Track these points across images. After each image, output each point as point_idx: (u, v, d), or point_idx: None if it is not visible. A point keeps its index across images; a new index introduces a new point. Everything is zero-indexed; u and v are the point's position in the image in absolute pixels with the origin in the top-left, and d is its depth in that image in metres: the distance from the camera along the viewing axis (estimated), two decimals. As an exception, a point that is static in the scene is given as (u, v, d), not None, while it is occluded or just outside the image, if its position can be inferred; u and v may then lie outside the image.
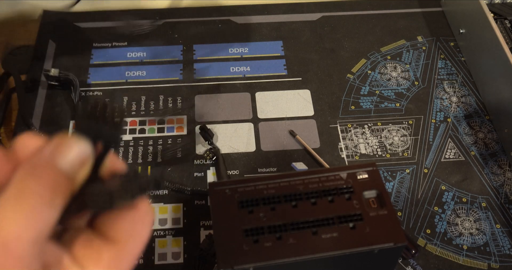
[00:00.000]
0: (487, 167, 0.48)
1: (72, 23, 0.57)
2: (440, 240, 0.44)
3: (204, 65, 0.55)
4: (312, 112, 0.51)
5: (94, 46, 0.56)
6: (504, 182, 0.47)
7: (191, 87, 0.53)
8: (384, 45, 0.58)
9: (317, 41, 0.58)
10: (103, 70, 0.54)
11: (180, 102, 0.52)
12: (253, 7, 0.61)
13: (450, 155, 0.49)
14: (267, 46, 0.57)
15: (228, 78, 0.54)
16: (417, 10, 0.61)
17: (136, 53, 0.56)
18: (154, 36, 0.57)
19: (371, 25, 0.60)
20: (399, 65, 0.56)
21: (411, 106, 0.52)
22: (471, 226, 0.45)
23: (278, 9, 0.61)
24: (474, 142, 0.50)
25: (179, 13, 0.60)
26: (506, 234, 0.44)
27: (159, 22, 0.59)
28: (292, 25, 0.59)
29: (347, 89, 0.53)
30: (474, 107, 0.52)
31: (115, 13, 0.59)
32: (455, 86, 0.54)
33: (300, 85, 0.54)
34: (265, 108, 0.52)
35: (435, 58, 0.56)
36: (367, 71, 0.55)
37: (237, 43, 0.57)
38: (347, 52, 0.57)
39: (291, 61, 0.56)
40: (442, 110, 0.52)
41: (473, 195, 0.46)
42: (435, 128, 0.51)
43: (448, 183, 0.47)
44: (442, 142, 0.50)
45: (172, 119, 0.51)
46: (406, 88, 0.54)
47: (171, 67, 0.54)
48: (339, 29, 0.59)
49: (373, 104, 0.52)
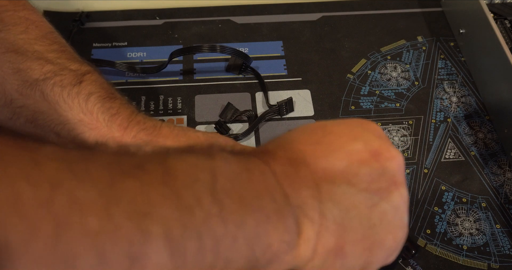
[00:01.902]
0: (487, 167, 0.48)
1: (72, 23, 0.57)
2: (440, 240, 0.44)
3: (204, 65, 0.55)
4: (312, 112, 0.51)
5: (94, 46, 0.56)
6: (504, 182, 0.47)
7: (191, 87, 0.53)
8: (384, 45, 0.58)
9: (317, 41, 0.58)
10: (103, 70, 0.54)
11: (180, 102, 0.52)
12: (253, 7, 0.61)
13: (450, 155, 0.49)
14: (267, 46, 0.57)
15: (228, 78, 0.54)
16: (417, 10, 0.61)
17: (136, 53, 0.56)
18: (154, 36, 0.57)
19: (371, 25, 0.60)
20: (399, 65, 0.56)
21: (411, 106, 0.52)
22: (471, 226, 0.45)
23: (278, 9, 0.61)
24: (474, 142, 0.50)
25: (179, 13, 0.60)
26: (506, 234, 0.44)
27: (159, 22, 0.59)
28: (292, 25, 0.59)
29: (347, 89, 0.53)
30: (474, 107, 0.52)
31: (115, 13, 0.59)
32: (455, 86, 0.54)
33: (300, 85, 0.54)
34: (265, 108, 0.52)
35: (435, 58, 0.56)
36: (367, 71, 0.55)
37: (237, 43, 0.57)
38: (347, 52, 0.57)
39: (291, 61, 0.56)
40: (442, 110, 0.52)
41: (473, 195, 0.46)
42: (435, 128, 0.51)
43: (448, 183, 0.47)
44: (442, 142, 0.50)
45: (172, 119, 0.50)
46: (406, 88, 0.54)
47: (171, 67, 0.54)
48: (339, 29, 0.59)
49: (373, 104, 0.52)
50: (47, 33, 0.39)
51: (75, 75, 0.36)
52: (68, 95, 0.36)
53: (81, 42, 0.56)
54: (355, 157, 0.24)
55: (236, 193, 0.20)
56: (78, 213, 0.16)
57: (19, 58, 0.36)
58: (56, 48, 0.38)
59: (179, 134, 0.38)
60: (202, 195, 0.19)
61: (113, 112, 0.36)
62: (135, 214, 0.17)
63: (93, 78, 0.37)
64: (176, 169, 0.19)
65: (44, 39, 0.38)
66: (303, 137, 0.25)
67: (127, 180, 0.17)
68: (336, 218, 0.22)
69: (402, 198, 0.24)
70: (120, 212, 0.16)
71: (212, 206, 0.19)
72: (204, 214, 0.18)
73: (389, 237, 0.24)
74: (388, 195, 0.24)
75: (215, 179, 0.20)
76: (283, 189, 0.22)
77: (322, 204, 0.22)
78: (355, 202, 0.23)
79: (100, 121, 0.36)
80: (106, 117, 0.36)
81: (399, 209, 0.24)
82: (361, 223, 0.23)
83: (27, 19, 0.38)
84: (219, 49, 0.49)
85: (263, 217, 0.20)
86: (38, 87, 0.35)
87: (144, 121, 0.38)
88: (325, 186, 0.22)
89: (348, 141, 0.24)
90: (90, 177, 0.17)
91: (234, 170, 0.21)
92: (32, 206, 0.15)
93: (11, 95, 0.36)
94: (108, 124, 0.36)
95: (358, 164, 0.23)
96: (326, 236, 0.22)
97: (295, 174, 0.22)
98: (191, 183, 0.19)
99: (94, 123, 0.36)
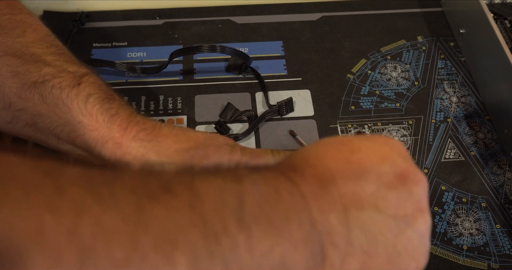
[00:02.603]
0: (487, 167, 0.48)
1: (72, 23, 0.57)
2: (440, 240, 0.44)
3: (204, 65, 0.55)
4: (312, 112, 0.51)
5: (94, 46, 0.56)
6: (504, 182, 0.47)
7: (191, 87, 0.53)
8: (384, 45, 0.58)
9: (317, 41, 0.58)
10: (103, 70, 0.54)
11: (180, 102, 0.52)
12: (253, 7, 0.61)
13: (450, 155, 0.49)
14: (267, 46, 0.57)
15: (228, 78, 0.54)
16: (417, 10, 0.61)
17: (136, 53, 0.56)
18: (154, 36, 0.57)
19: (371, 25, 0.59)
20: (399, 65, 0.56)
21: (411, 106, 0.52)
22: (471, 226, 0.45)
23: (278, 9, 0.61)
24: (474, 142, 0.50)
25: (179, 13, 0.60)
26: (506, 234, 0.44)
27: (159, 22, 0.59)
28: (292, 25, 0.59)
29: (347, 89, 0.53)
30: (474, 107, 0.52)
31: (115, 13, 0.59)
32: (455, 86, 0.54)
33: (300, 85, 0.54)
34: (265, 108, 0.52)
35: (435, 58, 0.56)
36: (367, 71, 0.55)
37: (237, 43, 0.57)
38: (347, 52, 0.57)
39: (291, 61, 0.56)
40: (442, 110, 0.52)
41: (473, 195, 0.46)
42: (435, 128, 0.51)
43: (448, 183, 0.47)
44: (442, 142, 0.50)
45: (172, 119, 0.50)
46: (406, 88, 0.54)
47: (171, 67, 0.54)
48: (339, 29, 0.59)
49: (373, 104, 0.52)
50: (44, 36, 0.39)
51: (73, 77, 0.36)
52: (67, 97, 0.36)
53: (81, 42, 0.56)
54: (384, 180, 0.23)
55: (264, 217, 0.20)
56: (103, 242, 0.15)
57: (17, 61, 0.36)
58: (53, 50, 0.38)
59: (178, 133, 0.38)
60: (229, 222, 0.18)
61: (113, 113, 0.36)
62: (162, 243, 0.16)
63: (92, 79, 0.37)
64: (203, 192, 0.19)
65: (42, 42, 0.38)
66: (332, 153, 0.24)
67: (153, 205, 0.17)
68: (362, 245, 0.22)
69: (426, 224, 0.24)
70: (146, 240, 0.16)
71: (239, 234, 0.18)
72: (231, 242, 0.18)
73: (413, 265, 0.24)
74: (414, 222, 0.23)
75: (243, 203, 0.19)
76: (311, 213, 0.21)
77: (349, 231, 0.22)
78: (382, 230, 0.22)
79: (99, 122, 0.36)
80: (106, 118, 0.36)
81: (424, 236, 0.24)
82: (386, 251, 0.22)
83: (24, 23, 0.38)
84: (219, 49, 0.49)
85: (291, 245, 0.20)
86: (36, 90, 0.35)
87: (144, 121, 0.38)
88: (353, 212, 0.22)
89: (377, 161, 0.24)
90: (115, 202, 0.17)
91: (262, 192, 0.20)
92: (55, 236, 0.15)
93: (10, 99, 0.36)
94: (108, 125, 0.36)
95: (387, 188, 0.23)
96: (351, 262, 0.22)
97: (324, 196, 0.22)
98: (218, 209, 0.19)
99: (93, 124, 0.36)
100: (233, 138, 0.48)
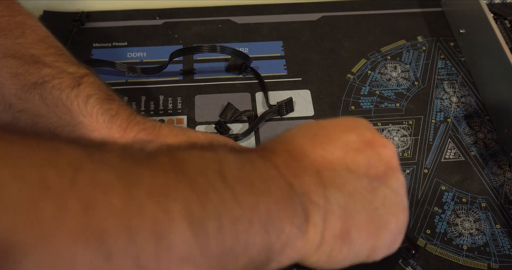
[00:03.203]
0: (487, 167, 0.48)
1: (72, 23, 0.57)
2: (440, 240, 0.44)
3: (204, 65, 0.55)
4: (312, 112, 0.51)
5: (94, 46, 0.56)
6: (504, 182, 0.47)
7: (191, 87, 0.53)
8: (384, 45, 0.58)
9: (317, 41, 0.58)
10: (103, 70, 0.54)
11: (180, 102, 0.52)
12: (253, 7, 0.61)
13: (450, 155, 0.49)
14: (267, 46, 0.57)
15: (228, 78, 0.54)
16: (417, 10, 0.61)
17: (136, 53, 0.56)
18: (154, 36, 0.57)
19: (371, 25, 0.59)
20: (399, 65, 0.56)
21: (411, 106, 0.52)
22: (471, 226, 0.45)
23: (278, 9, 0.61)
24: (474, 142, 0.50)
25: (179, 13, 0.60)
26: (506, 234, 0.44)
27: (159, 22, 0.59)
28: (292, 25, 0.59)
29: (347, 89, 0.53)
30: (474, 107, 0.52)
31: (115, 13, 0.59)
32: (455, 86, 0.54)
33: (300, 85, 0.54)
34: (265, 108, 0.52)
35: (435, 58, 0.56)
36: (367, 71, 0.55)
37: (237, 43, 0.57)
38: (347, 52, 0.57)
39: (291, 61, 0.56)
40: (442, 110, 0.52)
41: (473, 195, 0.46)
42: (435, 128, 0.51)
43: (448, 183, 0.47)
44: (442, 142, 0.50)
45: (172, 119, 0.51)
46: (406, 88, 0.54)
47: (171, 67, 0.54)
48: (339, 29, 0.59)
49: (373, 104, 0.52)
50: (43, 37, 0.39)
51: (73, 77, 0.37)
52: (67, 98, 0.36)
53: (81, 42, 0.56)
54: (351, 146, 0.25)
55: (245, 180, 0.21)
56: (101, 193, 0.16)
57: (16, 63, 0.36)
58: (53, 51, 0.38)
59: (178, 133, 0.38)
60: (214, 181, 0.19)
61: (113, 114, 0.37)
62: (155, 195, 0.17)
63: (91, 80, 0.37)
64: (184, 159, 0.20)
65: (41, 43, 0.38)
66: (300, 133, 0.26)
67: (141, 167, 0.18)
68: (340, 203, 0.23)
69: (399, 181, 0.25)
70: (141, 193, 0.17)
71: (225, 191, 0.19)
72: (219, 197, 0.19)
73: (392, 220, 0.25)
74: (387, 179, 0.25)
75: (223, 167, 0.20)
76: (286, 178, 0.23)
77: (325, 189, 0.23)
78: (356, 187, 0.24)
79: (100, 122, 0.36)
80: (106, 119, 0.36)
81: (398, 192, 0.25)
82: (364, 207, 0.24)
83: (23, 24, 0.38)
84: (219, 49, 0.49)
85: (274, 202, 0.21)
86: (36, 91, 0.36)
87: (144, 121, 0.38)
88: (326, 173, 0.24)
89: (342, 132, 0.26)
90: (107, 163, 0.18)
91: (238, 161, 0.22)
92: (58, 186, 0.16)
93: (10, 100, 0.36)
94: (108, 125, 0.36)
95: (355, 152, 0.25)
96: (332, 220, 0.23)
97: (295, 164, 0.23)
98: (201, 171, 0.20)
99: (94, 125, 0.36)
100: (233, 138, 0.48)
